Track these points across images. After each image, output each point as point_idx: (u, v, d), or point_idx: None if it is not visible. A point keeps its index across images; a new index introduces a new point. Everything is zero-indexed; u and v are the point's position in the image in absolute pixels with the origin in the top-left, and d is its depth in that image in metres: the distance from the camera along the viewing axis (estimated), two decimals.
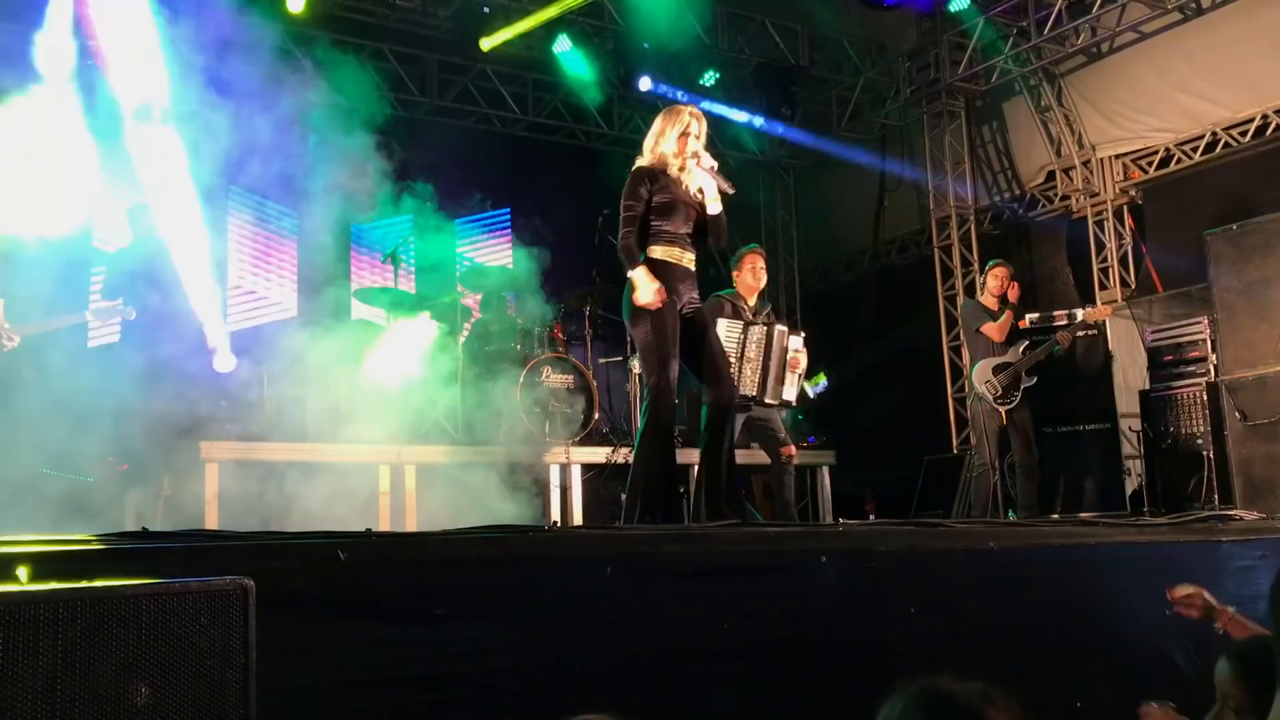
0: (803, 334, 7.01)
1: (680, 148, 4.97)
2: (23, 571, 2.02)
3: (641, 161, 5.06)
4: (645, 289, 4.74)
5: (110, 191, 8.62)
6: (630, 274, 4.86)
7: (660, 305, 4.75)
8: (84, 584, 1.85)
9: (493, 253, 11.36)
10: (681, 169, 4.99)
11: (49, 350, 6.59)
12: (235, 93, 7.87)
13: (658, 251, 4.94)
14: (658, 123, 5.08)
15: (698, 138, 5.01)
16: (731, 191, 5.07)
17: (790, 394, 6.86)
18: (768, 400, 6.72)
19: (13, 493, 5.83)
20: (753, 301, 6.98)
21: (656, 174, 4.97)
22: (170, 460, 6.65)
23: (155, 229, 7.74)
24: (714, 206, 5.02)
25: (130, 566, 2.35)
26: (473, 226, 11.16)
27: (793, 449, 6.95)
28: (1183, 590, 3.44)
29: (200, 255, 7.68)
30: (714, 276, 7.27)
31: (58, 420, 6.27)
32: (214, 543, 2.68)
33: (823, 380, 11.49)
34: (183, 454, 6.66)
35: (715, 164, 5.05)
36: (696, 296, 5.12)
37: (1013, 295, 7.93)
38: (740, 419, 6.81)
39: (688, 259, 5.03)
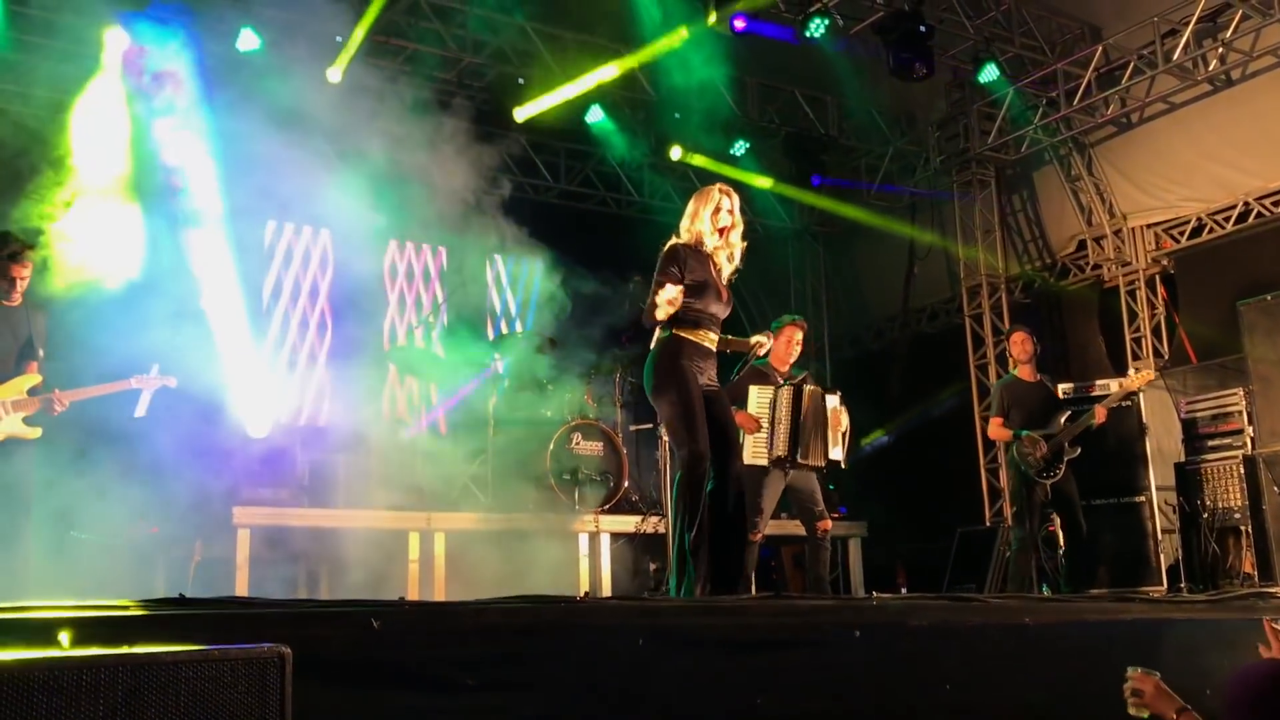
0: (838, 392, 6.98)
1: (714, 225, 5.03)
2: (65, 636, 2.04)
3: (677, 240, 5.11)
4: (666, 294, 4.77)
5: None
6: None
7: (676, 301, 4.76)
8: (125, 649, 1.87)
9: (524, 318, 11.45)
10: (718, 247, 5.05)
11: (88, 415, 6.67)
12: (272, 137, 8.09)
13: (684, 330, 4.97)
14: (690, 204, 5.15)
15: (730, 212, 5.07)
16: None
17: (838, 454, 6.82)
18: (801, 460, 6.67)
19: (48, 555, 5.88)
20: (784, 369, 7.01)
21: (690, 253, 5.01)
22: (203, 525, 6.69)
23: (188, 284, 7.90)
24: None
25: (168, 632, 2.37)
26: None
27: (829, 523, 6.90)
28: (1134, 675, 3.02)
29: (238, 322, 7.80)
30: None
31: (94, 483, 6.35)
32: (249, 610, 2.69)
33: (882, 435, 11.46)
34: (215, 519, 6.71)
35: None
36: (715, 376, 5.12)
37: (1022, 352, 7.85)
38: (780, 483, 6.77)
39: (710, 339, 5.05)
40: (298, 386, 9.97)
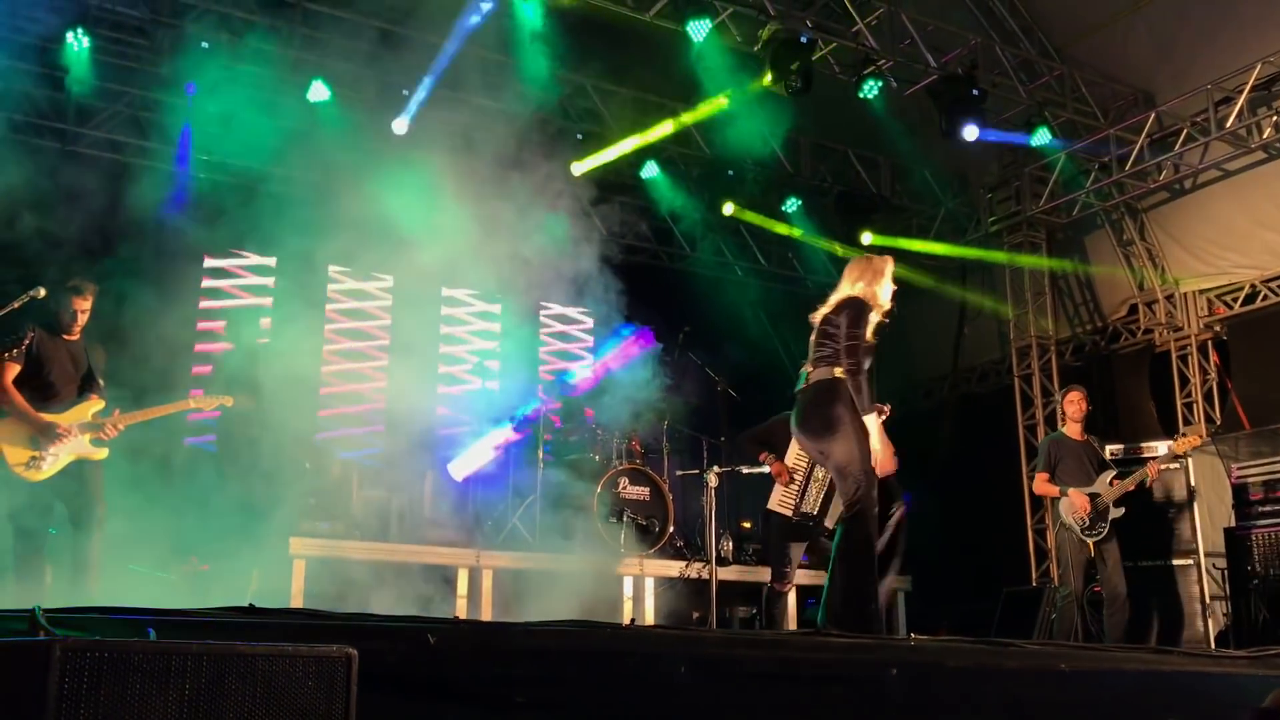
0: None
1: (888, 296, 5.34)
2: (152, 631, 2.21)
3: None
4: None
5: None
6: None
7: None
8: (209, 642, 2.03)
9: (573, 365, 11.64)
10: (881, 313, 5.41)
11: (147, 446, 6.91)
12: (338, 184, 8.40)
13: (847, 377, 5.29)
14: (866, 267, 5.49)
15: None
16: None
17: (830, 523, 6.78)
18: (827, 523, 6.66)
19: (108, 579, 6.07)
20: None
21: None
22: (259, 555, 6.88)
23: (255, 331, 8.17)
24: None
25: (239, 637, 2.52)
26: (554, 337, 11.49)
27: None
28: None
29: (301, 354, 8.04)
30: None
31: (152, 517, 6.56)
32: (314, 621, 2.85)
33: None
34: (271, 549, 6.89)
35: None
36: None
37: (1078, 411, 7.90)
38: (806, 533, 6.79)
39: None
40: (354, 422, 10.21)
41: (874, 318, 5.45)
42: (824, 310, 5.50)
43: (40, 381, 5.91)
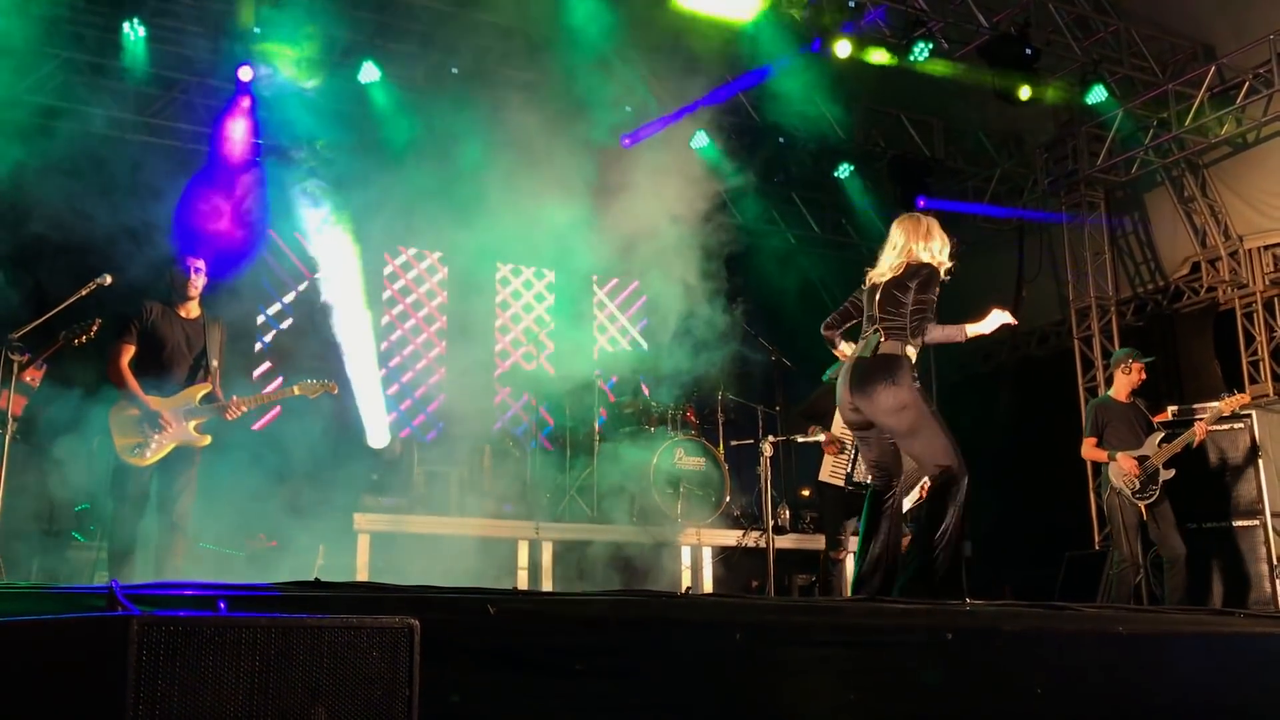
0: None
1: (949, 254, 5.29)
2: (224, 605, 2.30)
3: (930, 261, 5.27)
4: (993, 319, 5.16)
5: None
6: (974, 328, 5.28)
7: None
8: (277, 615, 2.11)
9: (628, 336, 11.69)
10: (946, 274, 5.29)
11: (215, 428, 7.07)
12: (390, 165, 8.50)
13: (911, 349, 5.15)
14: (939, 233, 5.34)
15: None
16: None
17: (907, 505, 6.73)
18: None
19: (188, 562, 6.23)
20: None
21: None
22: (325, 530, 7.04)
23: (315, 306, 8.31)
24: None
25: (306, 610, 2.61)
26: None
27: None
28: None
29: (360, 333, 8.17)
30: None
31: (222, 497, 6.72)
32: (377, 594, 2.94)
33: None
34: (336, 525, 7.05)
35: None
36: None
37: (1139, 380, 7.78)
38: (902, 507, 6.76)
39: None
40: (415, 401, 10.35)
41: (942, 276, 5.28)
42: (888, 274, 5.30)
43: (153, 362, 5.84)
